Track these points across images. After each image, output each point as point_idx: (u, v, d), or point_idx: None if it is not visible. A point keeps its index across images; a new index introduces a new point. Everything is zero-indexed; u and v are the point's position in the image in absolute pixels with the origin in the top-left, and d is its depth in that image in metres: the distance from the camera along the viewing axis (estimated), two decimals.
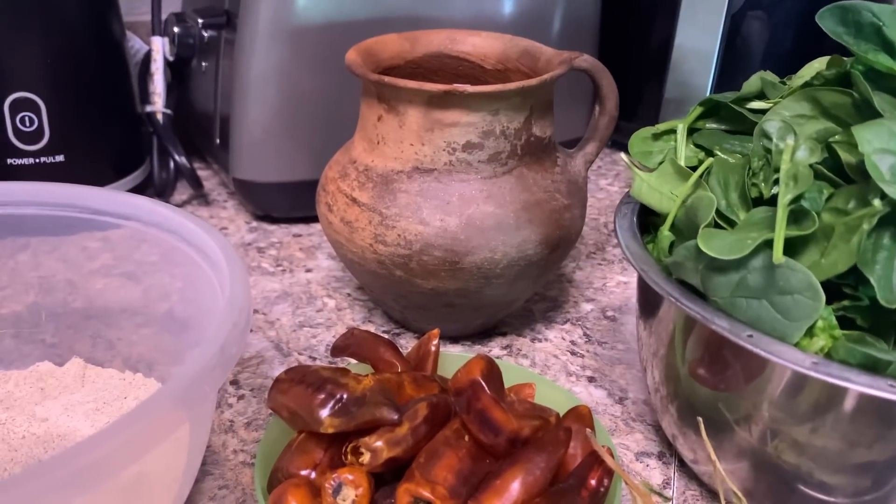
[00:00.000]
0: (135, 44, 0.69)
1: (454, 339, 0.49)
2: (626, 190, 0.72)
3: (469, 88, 0.40)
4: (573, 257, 0.60)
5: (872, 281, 0.27)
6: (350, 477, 0.31)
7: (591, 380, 0.46)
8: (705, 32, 0.66)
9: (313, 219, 0.62)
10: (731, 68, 0.68)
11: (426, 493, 0.30)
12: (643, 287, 0.39)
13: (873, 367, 0.28)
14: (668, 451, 0.41)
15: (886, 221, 0.28)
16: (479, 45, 0.50)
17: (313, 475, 0.32)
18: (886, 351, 0.28)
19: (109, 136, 0.59)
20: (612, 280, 0.57)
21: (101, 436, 0.23)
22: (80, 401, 0.39)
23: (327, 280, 0.55)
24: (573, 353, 0.48)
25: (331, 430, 0.32)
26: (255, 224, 0.62)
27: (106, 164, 0.59)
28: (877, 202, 0.28)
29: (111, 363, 0.44)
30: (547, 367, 0.47)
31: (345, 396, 0.32)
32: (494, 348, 0.49)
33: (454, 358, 0.41)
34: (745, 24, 0.68)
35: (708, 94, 0.68)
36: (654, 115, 0.71)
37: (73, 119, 0.56)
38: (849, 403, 0.30)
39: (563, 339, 0.50)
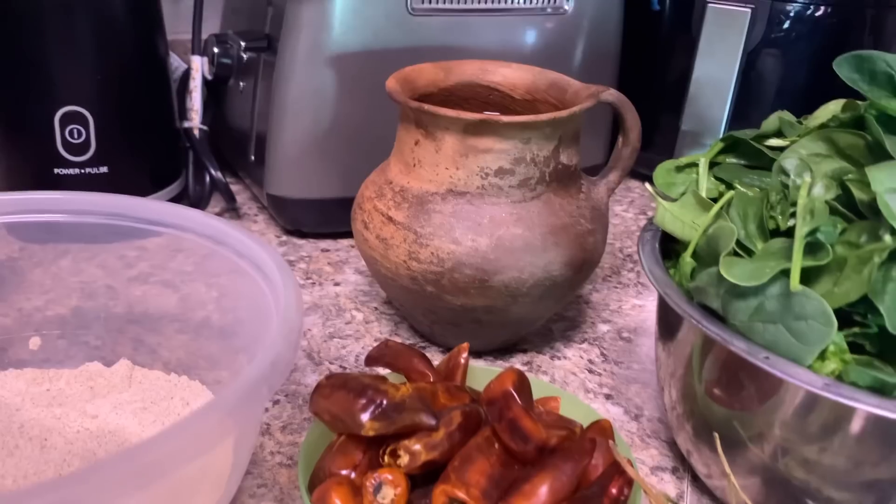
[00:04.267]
0: (173, 61, 0.72)
1: (478, 354, 0.51)
2: (640, 216, 0.75)
3: (504, 118, 0.43)
4: (590, 280, 0.62)
5: (882, 310, 0.30)
6: (390, 477, 0.33)
7: (608, 397, 0.48)
8: (722, 68, 0.68)
9: (340, 234, 0.65)
10: (746, 103, 0.70)
11: (461, 494, 0.32)
12: (663, 310, 0.41)
13: (881, 390, 0.30)
14: (682, 467, 0.43)
15: None
16: (509, 75, 0.52)
17: (353, 475, 0.34)
18: (893, 374, 0.30)
19: (150, 150, 0.62)
20: (627, 303, 0.59)
21: (158, 438, 0.25)
22: (127, 400, 0.41)
23: (355, 294, 0.57)
24: (591, 371, 0.51)
25: (371, 433, 0.34)
26: (284, 238, 0.65)
27: (146, 176, 0.62)
28: (888, 238, 0.30)
29: (152, 367, 0.46)
30: (566, 384, 0.49)
31: (385, 402, 0.34)
32: (515, 364, 0.51)
33: (480, 371, 0.43)
34: (760, 61, 0.70)
35: (723, 126, 0.71)
36: (671, 145, 0.73)
37: (118, 132, 0.59)
38: (856, 425, 0.32)
39: (581, 357, 0.52)
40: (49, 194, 0.44)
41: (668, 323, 0.41)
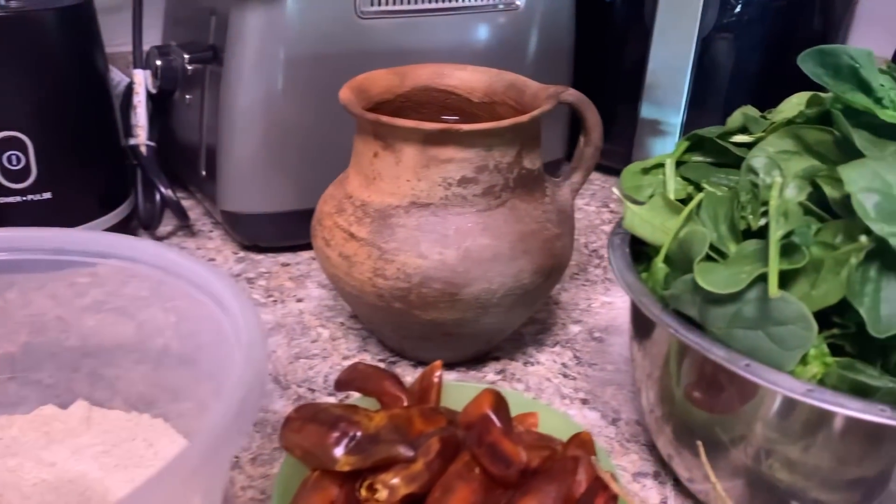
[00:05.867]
0: (115, 76, 0.69)
1: (449, 366, 0.50)
2: (603, 209, 0.74)
3: (464, 127, 0.41)
4: None
5: (862, 313, 0.29)
6: None
7: (584, 402, 0.48)
8: (677, 56, 0.68)
9: (300, 247, 0.63)
10: (703, 89, 0.70)
11: None
12: (637, 311, 0.41)
13: (864, 392, 0.30)
14: (664, 471, 0.42)
15: (873, 256, 0.30)
16: (466, 78, 0.51)
17: None
18: (875, 377, 0.30)
19: (95, 171, 0.59)
20: (596, 301, 0.59)
21: (133, 498, 0.24)
22: (87, 444, 0.39)
23: (319, 309, 0.56)
24: (565, 376, 0.50)
25: (346, 469, 0.33)
26: (242, 254, 0.63)
27: (93, 199, 0.59)
28: (863, 238, 0.30)
29: (112, 402, 0.44)
30: (541, 391, 0.48)
31: (358, 434, 0.33)
32: (489, 373, 0.50)
33: (454, 388, 0.42)
34: (714, 47, 0.70)
35: (681, 113, 0.71)
36: (630, 134, 0.73)
37: (59, 156, 0.56)
38: (839, 427, 0.32)
39: (555, 361, 0.51)
40: None
41: (642, 324, 0.40)
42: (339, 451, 0.33)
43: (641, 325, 0.40)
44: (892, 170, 0.30)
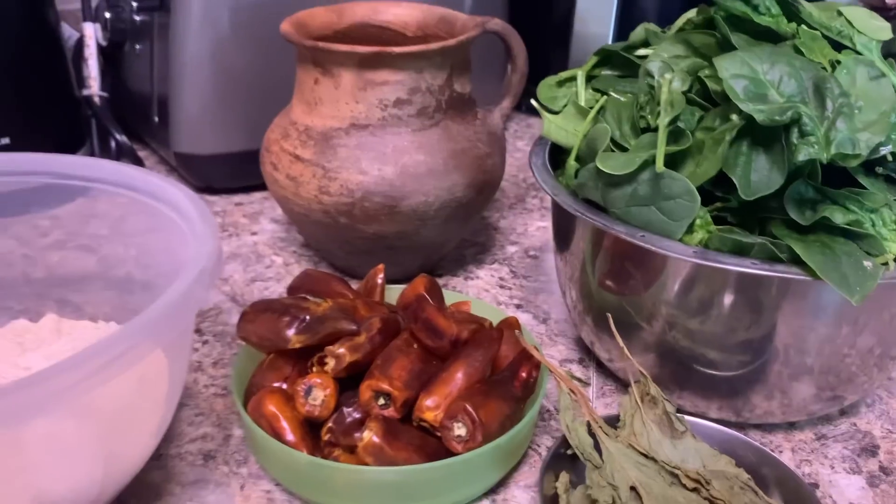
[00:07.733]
0: (65, 31, 0.71)
1: (395, 282, 0.54)
2: None
3: (396, 49, 0.45)
4: (497, 209, 0.66)
5: (735, 180, 0.34)
6: (319, 380, 0.36)
7: (518, 306, 0.52)
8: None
9: (253, 188, 0.66)
10: (630, 26, 0.74)
11: (385, 386, 0.35)
12: (557, 222, 0.45)
13: (741, 252, 0.35)
14: (588, 357, 0.47)
15: (744, 133, 0.34)
16: (400, 14, 0.55)
17: (284, 387, 0.37)
18: (750, 236, 0.34)
19: (51, 120, 0.62)
20: (532, 225, 0.63)
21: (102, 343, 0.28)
22: (59, 350, 0.42)
23: (273, 241, 0.59)
24: (502, 287, 0.54)
25: (298, 346, 0.36)
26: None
27: (49, 145, 0.62)
28: (734, 117, 0.34)
29: (81, 320, 0.47)
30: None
31: (307, 317, 0.37)
32: None
33: (397, 291, 0.46)
34: None
35: None
36: None
37: (15, 105, 0.59)
38: (727, 298, 0.37)
39: (493, 276, 0.56)
40: None
41: (562, 232, 0.44)
42: (290, 332, 0.37)
43: (562, 237, 0.45)
44: (758, 59, 0.34)
